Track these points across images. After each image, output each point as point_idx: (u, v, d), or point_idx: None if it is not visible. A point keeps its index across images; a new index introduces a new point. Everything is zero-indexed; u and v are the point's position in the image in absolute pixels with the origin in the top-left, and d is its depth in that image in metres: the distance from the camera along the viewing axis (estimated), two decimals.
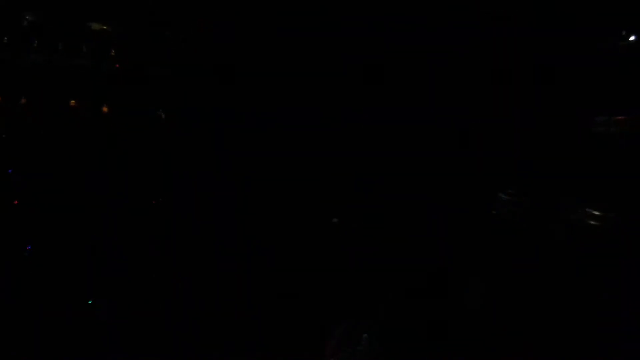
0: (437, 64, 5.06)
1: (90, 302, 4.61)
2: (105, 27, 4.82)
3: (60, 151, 5.02)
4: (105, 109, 4.84)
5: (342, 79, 5.12)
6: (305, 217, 5.15)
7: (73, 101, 4.86)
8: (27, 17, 4.83)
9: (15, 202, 4.81)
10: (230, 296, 4.62)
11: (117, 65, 4.83)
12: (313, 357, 4.15)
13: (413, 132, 5.06)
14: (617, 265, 4.52)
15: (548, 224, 4.83)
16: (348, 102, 5.16)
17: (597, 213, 4.77)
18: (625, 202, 4.69)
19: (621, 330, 4.16)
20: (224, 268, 4.80)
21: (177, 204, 5.07)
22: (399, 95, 5.13)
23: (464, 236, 4.89)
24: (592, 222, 4.80)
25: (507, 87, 4.95)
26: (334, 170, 5.20)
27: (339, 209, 5.18)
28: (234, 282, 4.71)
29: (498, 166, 4.99)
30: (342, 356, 4.14)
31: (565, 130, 4.90)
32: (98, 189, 5.01)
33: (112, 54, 4.82)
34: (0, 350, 4.07)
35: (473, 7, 4.87)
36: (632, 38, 4.68)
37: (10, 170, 4.90)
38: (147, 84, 4.97)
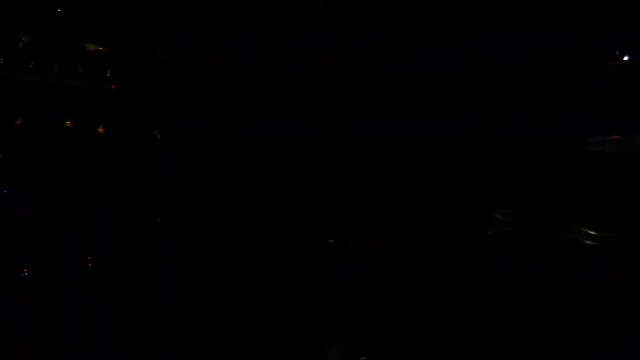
0: (430, 85, 5.07)
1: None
2: (101, 48, 4.83)
3: (56, 171, 5.03)
4: (100, 130, 4.84)
5: (334, 98, 5.14)
6: (300, 236, 5.14)
7: (69, 122, 4.86)
8: (23, 38, 4.84)
9: (12, 223, 4.82)
10: (224, 316, 4.61)
11: (113, 87, 4.85)
12: None
13: (408, 152, 5.07)
14: (613, 284, 4.51)
15: (544, 243, 4.82)
16: (340, 119, 5.17)
17: (593, 233, 4.76)
18: (621, 221, 4.68)
19: (613, 349, 4.14)
20: (218, 288, 4.78)
21: (172, 221, 5.08)
22: (392, 113, 5.15)
23: (454, 255, 4.88)
24: (588, 242, 4.79)
25: (502, 107, 4.96)
26: (329, 189, 5.20)
27: (333, 228, 5.17)
28: (228, 303, 4.70)
29: (493, 187, 4.99)
30: None
31: (560, 151, 4.90)
32: (94, 207, 5.01)
33: (108, 75, 4.83)
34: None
35: (472, 29, 4.89)
36: (626, 58, 4.70)
37: (5, 191, 4.90)
38: (143, 105, 4.98)
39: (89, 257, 4.88)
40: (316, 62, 5.11)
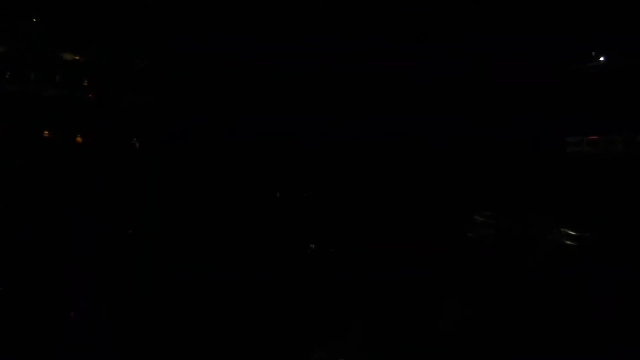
0: (412, 94, 5.10)
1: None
2: (77, 57, 4.82)
3: (35, 181, 5.00)
4: (79, 139, 4.83)
5: (316, 105, 5.15)
6: (281, 241, 5.14)
7: (46, 131, 4.85)
8: None
9: None
10: (206, 320, 4.59)
11: (90, 95, 4.83)
12: None
13: (387, 156, 5.08)
14: (593, 284, 4.54)
15: (524, 245, 4.84)
16: (320, 125, 5.19)
17: (573, 233, 4.79)
18: (600, 221, 4.71)
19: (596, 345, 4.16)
20: (199, 293, 4.76)
21: (153, 232, 5.06)
22: (374, 121, 5.16)
23: (438, 259, 4.88)
24: (568, 242, 4.81)
25: (480, 110, 4.98)
26: (310, 195, 5.21)
27: (315, 233, 5.18)
28: (210, 307, 4.68)
29: (473, 188, 5.00)
30: None
31: (538, 152, 4.92)
32: (72, 214, 4.99)
33: (85, 83, 4.82)
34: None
35: (454, 41, 4.92)
36: (602, 59, 4.73)
37: None
38: (120, 113, 4.97)
39: (67, 265, 4.85)
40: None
